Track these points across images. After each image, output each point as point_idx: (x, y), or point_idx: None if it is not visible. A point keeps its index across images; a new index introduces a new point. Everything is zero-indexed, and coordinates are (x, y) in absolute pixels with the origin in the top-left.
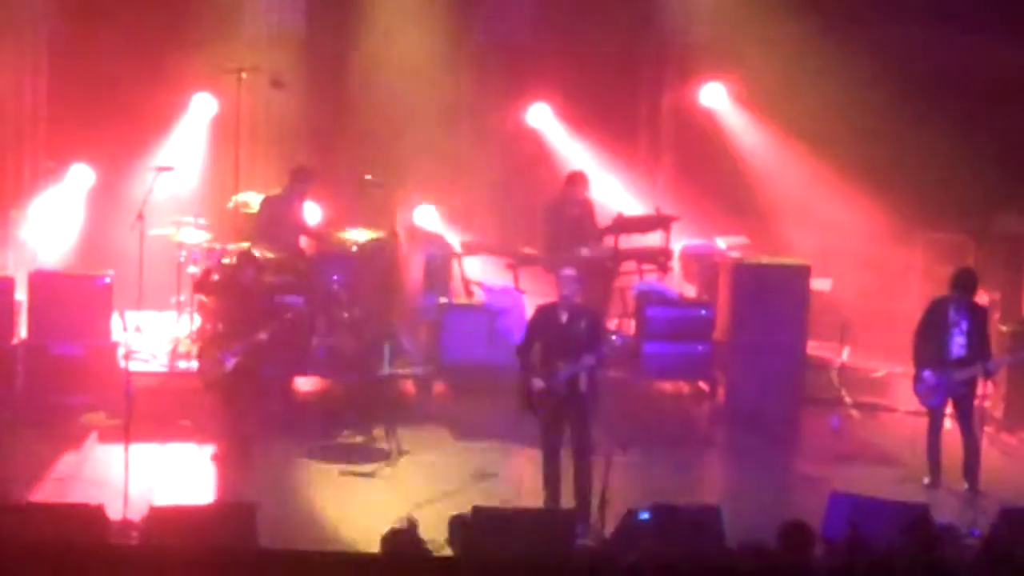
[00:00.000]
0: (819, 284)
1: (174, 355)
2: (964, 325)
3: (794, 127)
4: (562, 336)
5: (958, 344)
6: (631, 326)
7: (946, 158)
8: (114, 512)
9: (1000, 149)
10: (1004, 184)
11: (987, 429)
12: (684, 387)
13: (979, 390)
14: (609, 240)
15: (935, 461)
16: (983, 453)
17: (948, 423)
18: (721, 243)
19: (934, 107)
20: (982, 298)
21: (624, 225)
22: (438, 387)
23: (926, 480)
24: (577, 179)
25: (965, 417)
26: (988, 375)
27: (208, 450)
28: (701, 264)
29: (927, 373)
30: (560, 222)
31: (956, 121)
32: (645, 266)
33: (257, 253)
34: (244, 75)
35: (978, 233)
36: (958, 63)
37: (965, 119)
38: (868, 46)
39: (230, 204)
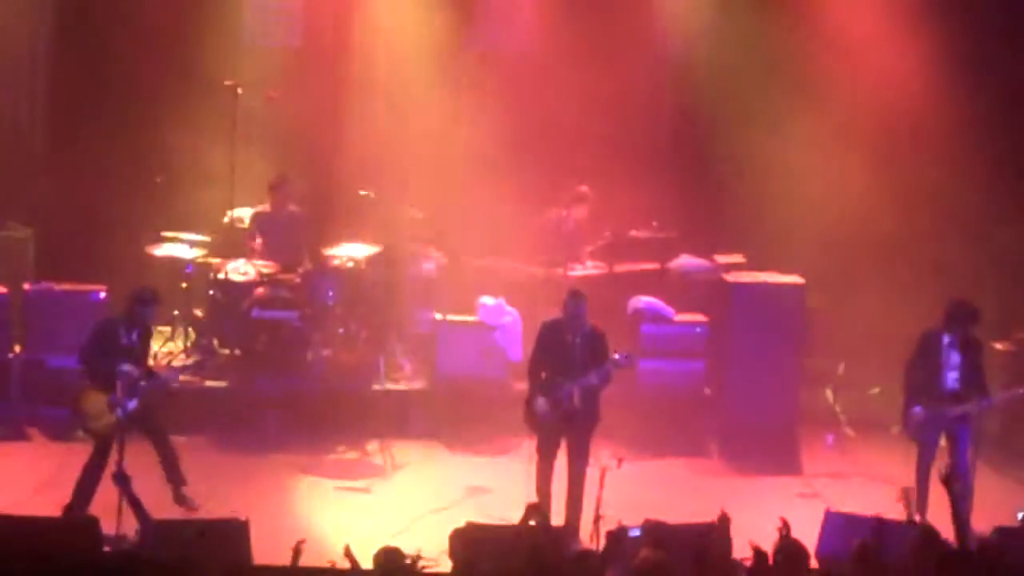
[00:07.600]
0: (814, 301)
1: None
2: (956, 358)
3: (792, 144)
4: (566, 354)
5: (951, 378)
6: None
7: (948, 172)
8: (108, 526)
9: (1001, 162)
10: (1005, 198)
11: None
12: (679, 404)
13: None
14: (605, 257)
15: (923, 497)
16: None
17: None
18: (717, 260)
19: (933, 120)
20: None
21: (620, 242)
22: (433, 402)
23: (916, 518)
24: (581, 197)
25: (958, 456)
26: (983, 412)
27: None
28: (697, 281)
29: (917, 409)
30: (556, 238)
31: (956, 134)
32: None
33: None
34: (240, 91)
35: (979, 248)
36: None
37: (966, 131)
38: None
39: (226, 219)
